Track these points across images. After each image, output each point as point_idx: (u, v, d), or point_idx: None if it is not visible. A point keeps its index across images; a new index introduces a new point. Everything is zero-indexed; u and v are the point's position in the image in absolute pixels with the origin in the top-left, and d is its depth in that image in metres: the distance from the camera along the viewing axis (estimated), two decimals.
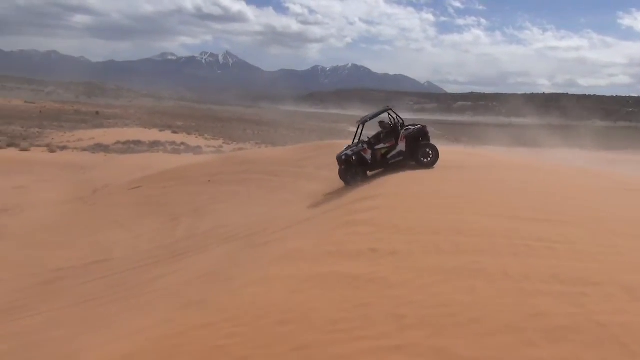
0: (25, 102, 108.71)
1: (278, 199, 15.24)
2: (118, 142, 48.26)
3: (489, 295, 3.80)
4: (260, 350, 3.30)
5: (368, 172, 11.79)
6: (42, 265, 13.49)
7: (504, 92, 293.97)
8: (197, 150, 46.71)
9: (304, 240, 6.67)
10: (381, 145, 11.61)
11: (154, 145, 48.65)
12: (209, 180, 20.20)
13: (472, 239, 5.50)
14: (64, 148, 43.52)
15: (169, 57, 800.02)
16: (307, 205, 11.92)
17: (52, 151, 40.47)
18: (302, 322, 3.63)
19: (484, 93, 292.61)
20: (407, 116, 16.19)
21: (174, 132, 63.34)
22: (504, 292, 3.84)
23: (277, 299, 4.28)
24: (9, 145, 41.88)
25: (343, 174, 11.94)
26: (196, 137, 61.49)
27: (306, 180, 16.71)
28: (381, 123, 12.23)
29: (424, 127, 11.72)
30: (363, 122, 12.01)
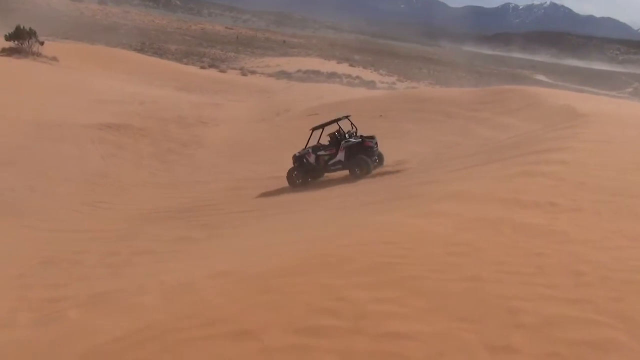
0: (226, 27, 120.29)
1: (447, 141, 14.81)
2: (299, 71, 51.08)
3: None
4: (431, 274, 3.41)
5: (310, 178, 12.12)
6: (231, 172, 15.50)
7: None
8: (370, 85, 47.16)
9: (475, 183, 6.45)
10: (322, 152, 11.93)
11: (331, 76, 50.38)
12: (381, 115, 20.39)
13: None
14: (253, 72, 47.76)
15: None
16: (478, 151, 11.39)
17: (244, 74, 44.74)
18: (471, 256, 3.63)
19: None
20: (608, 68, 13.98)
21: (351, 65, 64.53)
22: None
23: (444, 232, 4.31)
24: (211, 66, 47.45)
25: (288, 174, 12.25)
26: (371, 72, 61.89)
27: (481, 125, 15.83)
28: (331, 133, 12.38)
29: (365, 141, 11.71)
30: (315, 128, 12.55)
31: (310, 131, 12.63)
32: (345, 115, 12.64)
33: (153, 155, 17.55)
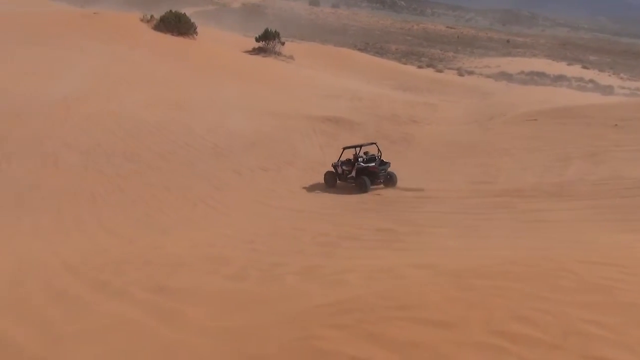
0: (447, 27, 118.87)
1: None
2: (522, 72, 47.65)
3: None
4: None
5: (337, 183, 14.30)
6: (436, 172, 15.57)
7: None
8: (606, 90, 41.24)
9: None
10: (345, 167, 14.20)
11: (558, 79, 45.69)
12: (616, 125, 17.81)
13: None
14: (471, 73, 46.37)
15: None
16: None
17: (461, 75, 43.79)
18: None
19: None
20: None
21: (584, 67, 57.32)
22: None
23: None
24: (428, 65, 47.71)
25: (325, 176, 14.45)
26: (609, 75, 53.97)
27: None
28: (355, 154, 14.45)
29: (370, 167, 13.82)
30: (346, 147, 14.70)
31: (342, 149, 14.79)
32: (373, 142, 15.11)
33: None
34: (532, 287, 3.41)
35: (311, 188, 13.67)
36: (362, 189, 13.28)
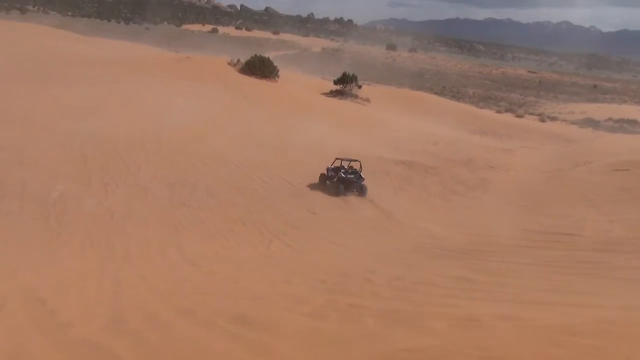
0: (529, 71, 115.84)
1: None
2: (610, 119, 45.10)
3: None
4: None
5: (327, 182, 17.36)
6: (515, 222, 14.93)
7: None
8: None
9: None
10: (331, 173, 17.27)
11: None
12: None
13: None
14: (553, 119, 44.58)
15: None
16: None
17: (542, 120, 42.22)
18: None
19: None
20: None
21: None
22: None
23: None
24: (507, 110, 46.54)
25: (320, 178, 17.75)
26: None
27: None
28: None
29: (346, 178, 16.78)
30: (338, 158, 17.96)
31: (334, 159, 18.00)
32: (357, 159, 17.94)
33: (438, 193, 18.40)
34: (632, 349, 3.19)
35: (384, 231, 13.62)
36: (336, 192, 16.61)
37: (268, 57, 35.59)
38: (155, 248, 10.47)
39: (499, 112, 45.03)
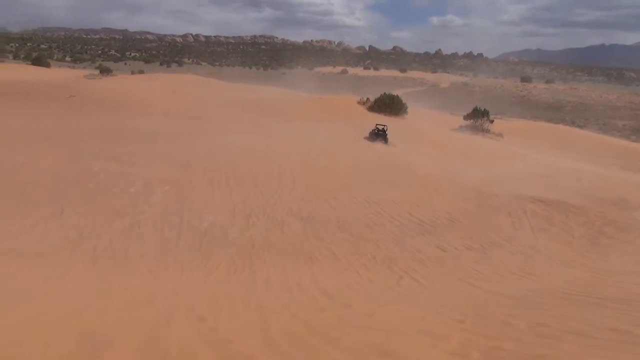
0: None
1: None
2: None
3: None
4: None
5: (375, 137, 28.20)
6: None
7: None
8: None
9: None
10: (377, 131, 28.46)
11: None
12: None
13: None
14: None
15: None
16: None
17: None
18: None
19: None
20: None
21: None
22: None
23: None
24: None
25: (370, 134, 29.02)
26: None
27: None
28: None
29: (377, 133, 28.52)
30: (377, 125, 29.71)
31: (376, 124, 29.01)
32: (385, 124, 29.18)
33: (585, 235, 16.79)
34: None
35: (524, 273, 12.81)
36: (372, 139, 27.53)
37: (397, 95, 36.18)
38: (292, 278, 11.10)
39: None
